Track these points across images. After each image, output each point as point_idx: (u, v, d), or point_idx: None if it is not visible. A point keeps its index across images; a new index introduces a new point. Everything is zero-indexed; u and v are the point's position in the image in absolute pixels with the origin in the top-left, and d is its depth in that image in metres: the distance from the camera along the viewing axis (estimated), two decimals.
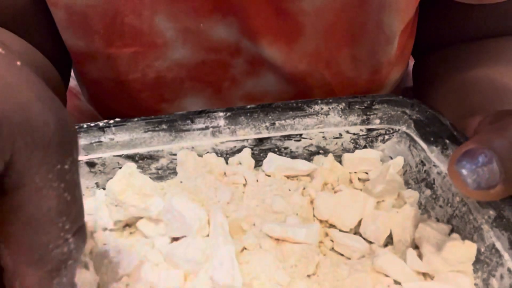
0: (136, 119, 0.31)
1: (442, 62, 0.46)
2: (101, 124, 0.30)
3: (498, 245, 0.24)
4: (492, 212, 0.24)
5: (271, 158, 0.31)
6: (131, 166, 0.30)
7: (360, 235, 0.28)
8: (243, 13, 0.36)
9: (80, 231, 0.18)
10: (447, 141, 0.28)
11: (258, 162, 0.32)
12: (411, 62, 0.51)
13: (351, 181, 0.32)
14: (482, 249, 0.25)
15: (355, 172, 0.32)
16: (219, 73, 0.41)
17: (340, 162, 0.32)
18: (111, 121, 0.30)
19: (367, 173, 0.32)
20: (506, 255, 0.23)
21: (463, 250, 0.25)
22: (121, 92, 0.41)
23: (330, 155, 0.32)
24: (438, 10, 0.44)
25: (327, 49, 0.39)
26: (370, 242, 0.28)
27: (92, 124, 0.31)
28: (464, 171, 0.22)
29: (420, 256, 0.26)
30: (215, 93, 0.42)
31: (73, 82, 0.53)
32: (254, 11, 0.36)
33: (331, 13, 0.36)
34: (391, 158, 0.32)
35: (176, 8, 0.35)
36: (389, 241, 0.28)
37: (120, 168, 0.31)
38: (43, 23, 0.38)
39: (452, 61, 0.44)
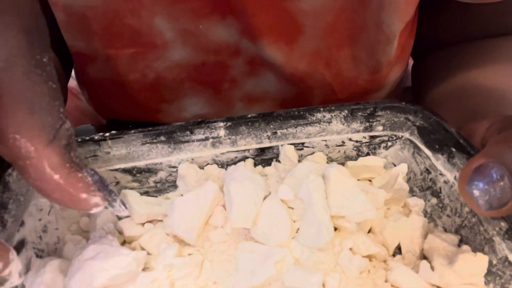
0: (133, 131, 0.30)
1: (442, 62, 0.46)
2: (96, 137, 0.29)
3: (511, 258, 0.24)
4: (503, 224, 0.24)
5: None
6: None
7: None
8: (242, 13, 0.35)
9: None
10: (453, 149, 0.28)
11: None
12: (411, 62, 0.51)
13: None
14: (494, 261, 0.25)
15: (358, 180, 0.32)
16: (219, 74, 0.40)
17: None
18: (107, 134, 0.29)
19: (370, 181, 0.32)
20: None
21: (475, 263, 0.24)
22: (121, 92, 0.41)
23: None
24: (437, 10, 0.44)
25: (327, 49, 0.39)
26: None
27: (87, 138, 0.29)
28: (476, 192, 0.21)
29: (431, 268, 0.26)
30: (215, 94, 0.41)
31: (73, 82, 0.52)
32: (254, 11, 0.35)
33: (330, 13, 0.36)
34: (395, 165, 0.32)
35: (175, 9, 0.35)
36: (396, 251, 0.28)
37: (118, 183, 0.30)
38: (47, 22, 0.38)
39: (451, 61, 0.44)
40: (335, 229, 0.26)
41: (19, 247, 0.27)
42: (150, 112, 0.43)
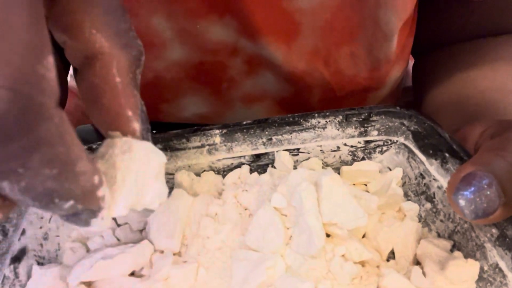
0: None
1: (442, 61, 0.45)
2: (94, 146, 0.30)
3: (502, 264, 0.24)
4: (494, 231, 0.24)
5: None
6: None
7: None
8: (240, 12, 0.35)
9: None
10: (447, 155, 0.28)
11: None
12: (411, 62, 0.51)
13: None
14: (485, 268, 0.25)
15: (354, 184, 0.32)
16: (217, 74, 0.40)
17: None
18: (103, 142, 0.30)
19: (365, 185, 0.32)
20: (510, 275, 0.23)
21: (466, 269, 0.25)
22: None
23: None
24: (437, 9, 0.44)
25: (325, 47, 0.39)
26: None
27: (86, 147, 0.30)
28: (462, 202, 0.21)
29: (423, 274, 0.26)
30: (215, 93, 0.42)
31: (73, 82, 0.52)
32: (252, 10, 0.35)
33: (328, 11, 0.36)
34: (390, 170, 0.32)
35: (173, 9, 0.35)
36: (390, 256, 0.28)
37: None
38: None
39: (451, 61, 0.44)
40: (328, 236, 0.26)
41: (20, 255, 0.28)
42: (151, 112, 0.44)
